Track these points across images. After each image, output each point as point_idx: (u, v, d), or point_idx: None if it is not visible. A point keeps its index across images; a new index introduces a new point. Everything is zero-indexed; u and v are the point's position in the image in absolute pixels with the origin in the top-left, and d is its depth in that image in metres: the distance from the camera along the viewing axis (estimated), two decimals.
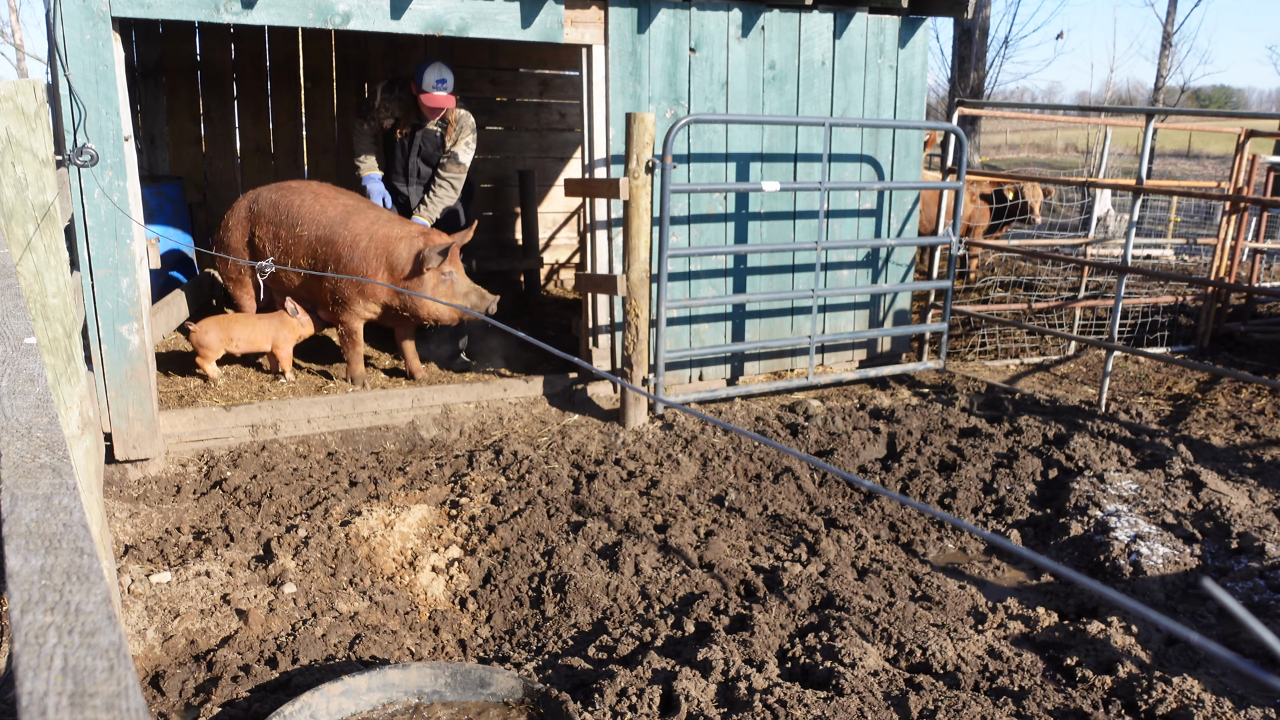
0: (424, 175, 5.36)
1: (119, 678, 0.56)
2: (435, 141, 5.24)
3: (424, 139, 5.23)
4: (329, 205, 4.90)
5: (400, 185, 5.39)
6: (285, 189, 5.04)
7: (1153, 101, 23.15)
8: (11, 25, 21.79)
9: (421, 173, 5.35)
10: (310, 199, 4.93)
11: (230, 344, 4.81)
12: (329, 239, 4.80)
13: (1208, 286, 6.55)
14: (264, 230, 4.96)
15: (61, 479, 0.87)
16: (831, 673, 2.54)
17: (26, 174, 2.16)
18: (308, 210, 4.89)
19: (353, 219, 4.85)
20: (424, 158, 5.31)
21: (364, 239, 4.76)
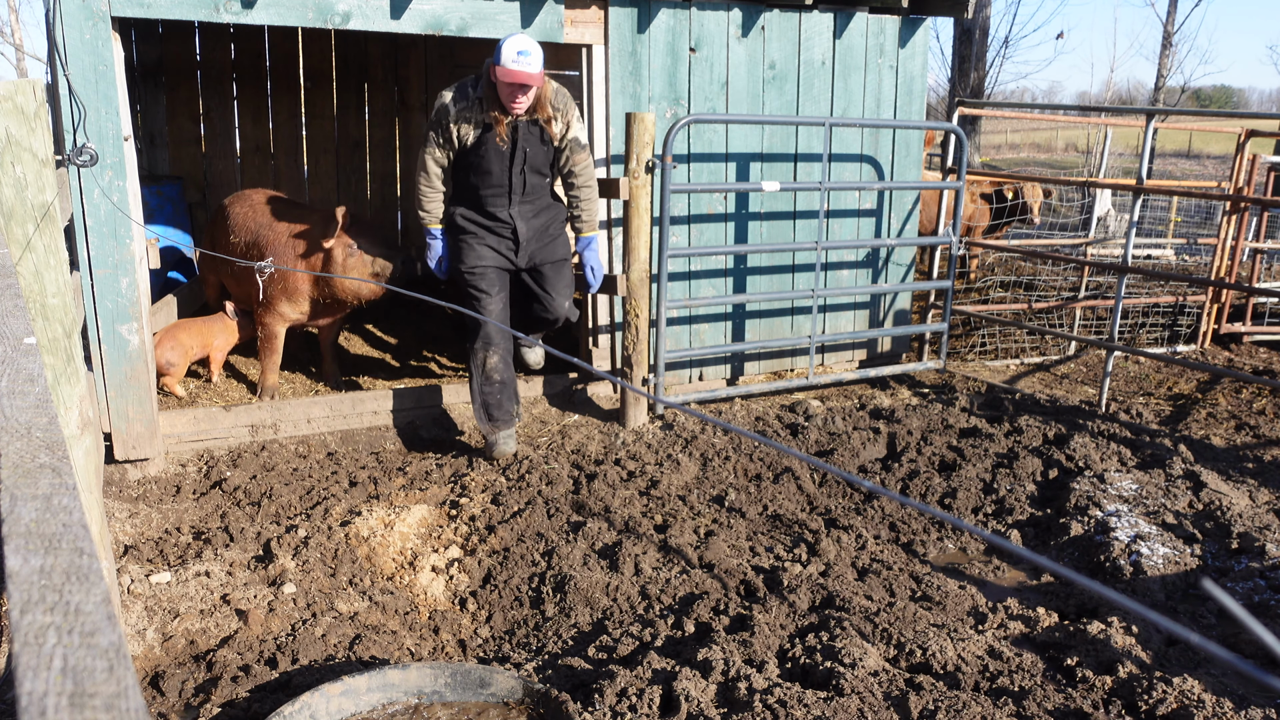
0: (535, 191, 4.17)
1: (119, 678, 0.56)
2: (539, 140, 4.06)
3: (525, 142, 4.02)
4: (257, 212, 4.89)
5: (501, 210, 4.14)
6: (238, 197, 5.08)
7: (1153, 101, 23.15)
8: (11, 25, 21.79)
9: (530, 187, 4.15)
10: (246, 207, 4.94)
11: (189, 354, 4.76)
12: (257, 244, 4.77)
13: (1208, 286, 6.55)
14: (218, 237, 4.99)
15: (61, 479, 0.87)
16: (831, 673, 2.53)
17: (26, 174, 2.16)
18: (241, 219, 4.90)
19: (277, 222, 4.81)
20: (533, 167, 4.11)
21: (283, 238, 4.71)
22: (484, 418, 4.19)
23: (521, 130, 4.00)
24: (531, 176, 4.13)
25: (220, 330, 4.91)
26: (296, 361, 5.49)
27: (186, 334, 4.77)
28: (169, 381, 4.67)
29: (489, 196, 4.12)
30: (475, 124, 3.98)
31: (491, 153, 4.01)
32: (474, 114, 3.97)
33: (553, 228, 4.30)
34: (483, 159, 4.03)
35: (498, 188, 4.10)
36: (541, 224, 4.27)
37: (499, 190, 4.11)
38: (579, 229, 4.32)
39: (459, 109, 3.96)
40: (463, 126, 3.99)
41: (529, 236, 4.23)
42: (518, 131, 4.00)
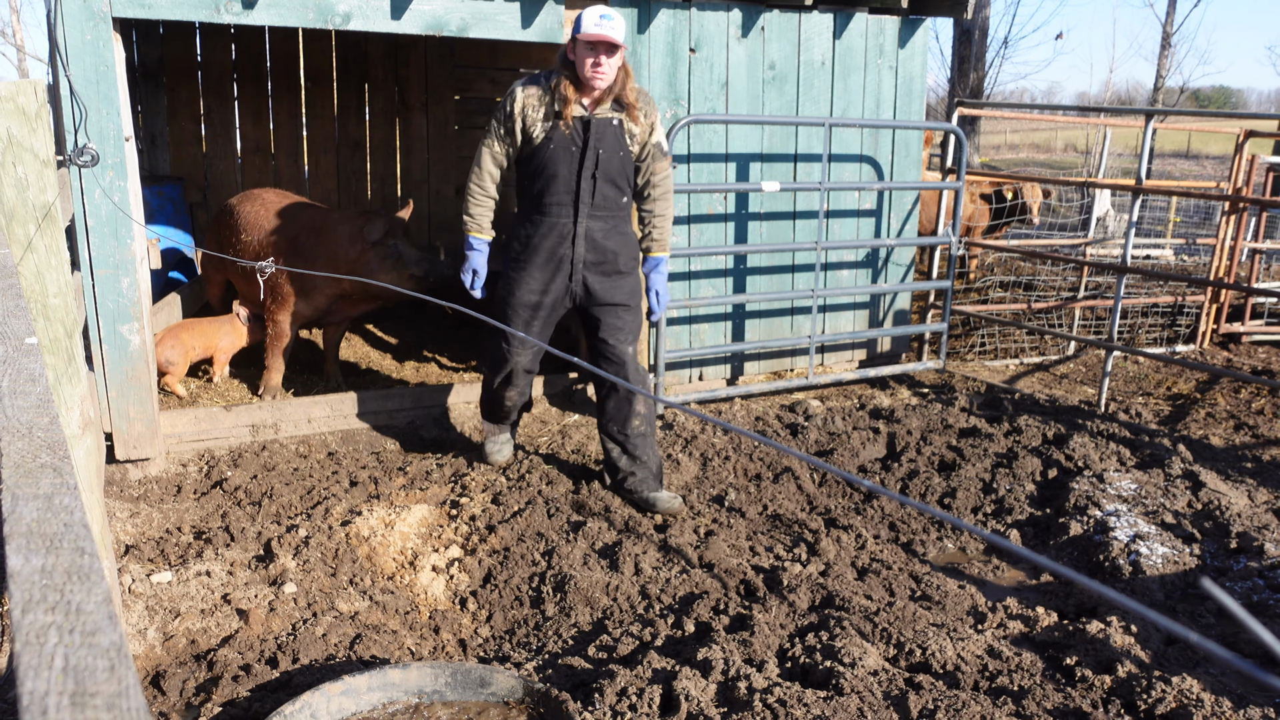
0: (608, 205, 3.62)
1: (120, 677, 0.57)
2: (616, 140, 3.55)
3: (599, 142, 3.52)
4: (270, 209, 4.87)
5: (565, 223, 3.61)
6: (246, 196, 5.05)
7: (1152, 102, 23.15)
8: (12, 26, 21.80)
9: (602, 198, 3.60)
10: (256, 205, 4.91)
11: (191, 353, 4.76)
12: (271, 241, 4.75)
13: (1207, 286, 6.55)
14: (223, 237, 4.97)
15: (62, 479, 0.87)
16: (831, 672, 2.54)
17: (27, 174, 2.16)
18: (251, 217, 4.88)
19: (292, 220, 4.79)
20: (607, 175, 3.57)
21: (304, 234, 4.70)
22: (487, 412, 4.06)
23: (595, 128, 3.49)
24: (604, 185, 3.56)
25: (227, 332, 4.90)
26: (297, 361, 5.49)
27: (189, 334, 4.77)
28: (169, 380, 4.67)
29: (552, 205, 3.58)
30: (546, 116, 3.52)
31: (560, 151, 3.51)
32: (546, 104, 3.52)
33: (623, 258, 3.69)
34: (549, 159, 3.52)
35: (564, 194, 3.57)
36: (611, 249, 3.65)
37: (564, 198, 3.57)
38: (648, 248, 3.79)
39: (527, 95, 3.52)
40: (529, 116, 3.52)
41: (593, 261, 3.64)
42: (590, 129, 3.49)
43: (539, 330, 3.72)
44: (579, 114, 3.50)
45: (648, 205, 3.76)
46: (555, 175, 3.54)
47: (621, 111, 3.55)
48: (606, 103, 3.53)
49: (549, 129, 3.52)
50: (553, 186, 3.56)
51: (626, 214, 3.69)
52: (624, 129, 3.56)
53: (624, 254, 3.70)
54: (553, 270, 3.64)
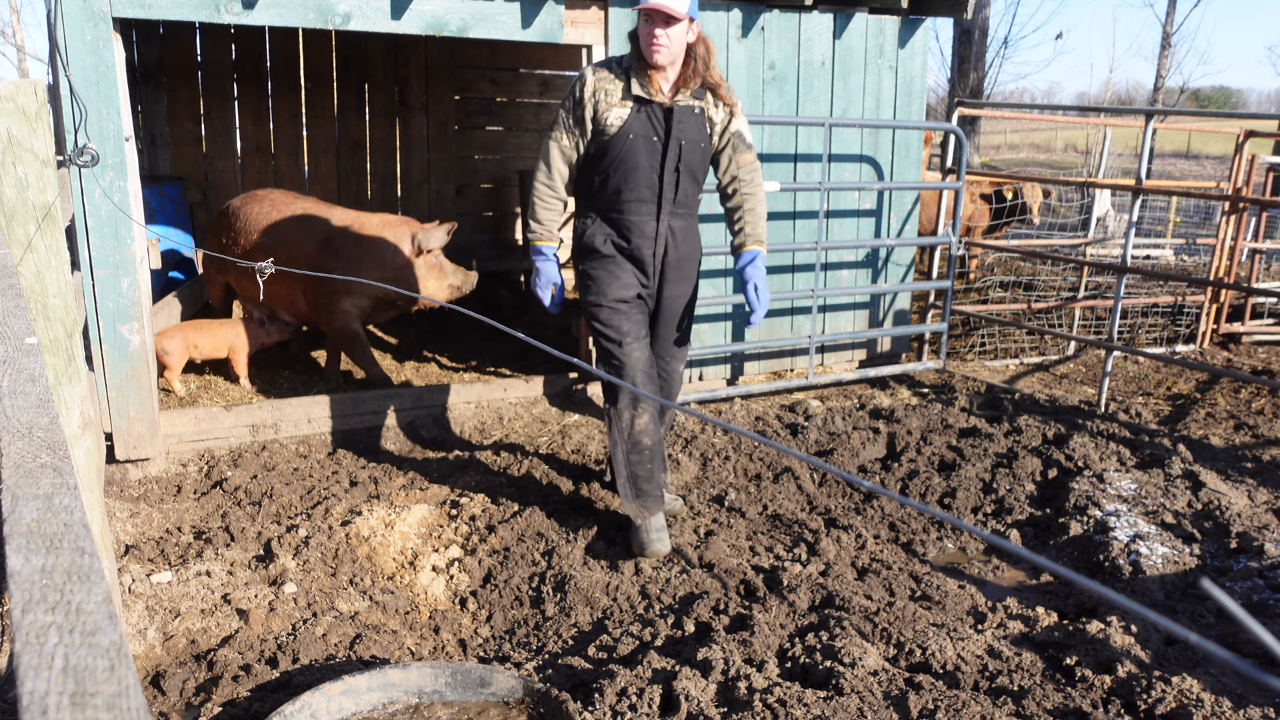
0: (686, 203, 3.30)
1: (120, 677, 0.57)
2: (698, 130, 3.22)
3: (681, 132, 3.17)
4: (285, 210, 4.81)
5: (648, 223, 3.25)
6: (249, 197, 5.02)
7: (1152, 102, 23.15)
8: (13, 26, 21.80)
9: (683, 195, 3.27)
10: (266, 206, 4.86)
11: (194, 351, 4.77)
12: (293, 244, 4.70)
13: (1207, 286, 6.56)
14: (227, 239, 4.92)
15: (62, 479, 0.87)
16: (831, 672, 2.54)
17: (28, 174, 2.16)
18: (263, 218, 4.82)
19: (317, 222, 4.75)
20: (689, 168, 3.23)
21: (338, 237, 4.68)
22: (630, 494, 3.31)
23: (678, 116, 3.16)
24: (685, 180, 3.23)
25: (239, 333, 4.88)
26: (297, 361, 5.49)
27: (196, 332, 4.78)
28: (167, 375, 4.69)
29: (632, 203, 3.20)
30: (621, 102, 3.14)
31: (641, 142, 3.13)
32: (620, 88, 3.14)
33: (695, 262, 3.44)
34: (629, 150, 3.14)
35: (645, 190, 3.19)
36: (687, 253, 3.36)
37: (647, 195, 3.20)
38: (742, 243, 3.39)
39: (599, 79, 3.14)
40: (601, 102, 3.13)
41: (672, 263, 3.33)
42: (672, 117, 3.15)
43: (641, 322, 3.34)
44: (658, 99, 3.13)
45: (735, 200, 3.37)
46: (636, 169, 3.15)
47: (702, 99, 3.20)
48: (689, 88, 3.15)
49: (625, 117, 3.13)
50: (632, 181, 3.16)
51: (697, 211, 3.41)
52: (704, 117, 3.22)
53: (696, 257, 3.43)
54: (636, 272, 3.31)
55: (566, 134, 3.22)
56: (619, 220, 3.24)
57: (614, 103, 3.14)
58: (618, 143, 3.15)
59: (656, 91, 3.14)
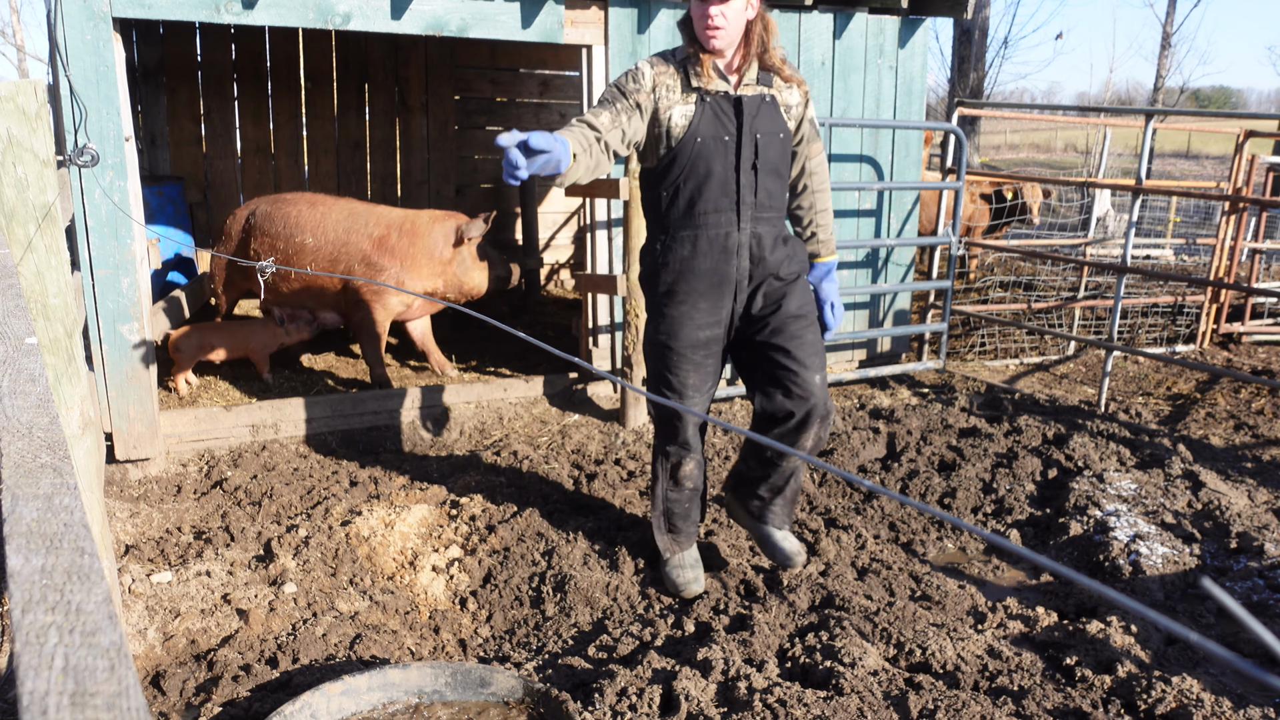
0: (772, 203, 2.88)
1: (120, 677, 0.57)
2: (772, 119, 2.82)
3: (755, 125, 2.78)
4: (330, 210, 4.91)
5: (730, 234, 2.84)
6: (280, 200, 5.05)
7: (1152, 102, 23.16)
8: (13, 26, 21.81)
9: (766, 195, 2.85)
10: (307, 208, 4.93)
11: (209, 351, 4.79)
12: (345, 241, 4.81)
13: (1207, 286, 6.56)
14: (260, 242, 4.96)
15: (62, 479, 0.87)
16: (831, 672, 2.54)
17: (28, 174, 2.16)
18: (308, 219, 4.88)
19: (368, 219, 4.86)
20: (769, 164, 2.83)
21: (392, 234, 4.81)
22: (663, 527, 3.15)
23: (748, 107, 2.77)
24: (768, 178, 2.83)
25: (257, 332, 4.90)
26: (297, 361, 5.49)
27: (214, 332, 4.82)
28: (174, 371, 4.75)
29: (708, 213, 2.81)
30: (683, 98, 2.76)
31: (710, 142, 2.75)
32: (679, 83, 2.76)
33: (795, 261, 2.97)
34: (700, 154, 2.76)
35: (721, 196, 2.79)
36: (781, 257, 2.92)
37: (723, 201, 2.80)
38: (814, 251, 3.08)
39: (659, 72, 2.77)
40: (664, 97, 2.75)
41: (761, 276, 2.90)
42: (742, 109, 2.76)
43: (714, 372, 3.00)
44: (721, 89, 2.76)
45: (804, 199, 3.02)
46: (709, 174, 2.77)
47: (770, 84, 2.81)
48: (750, 71, 2.79)
49: (690, 116, 2.75)
50: (707, 189, 2.78)
51: (785, 211, 2.99)
52: (777, 104, 2.81)
53: (793, 260, 2.95)
54: (718, 295, 2.88)
55: (609, 115, 2.70)
56: (695, 237, 2.83)
57: (675, 99, 2.75)
58: (685, 148, 2.76)
59: (718, 80, 2.76)
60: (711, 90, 2.76)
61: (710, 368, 2.97)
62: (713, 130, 2.75)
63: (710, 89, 2.76)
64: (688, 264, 2.86)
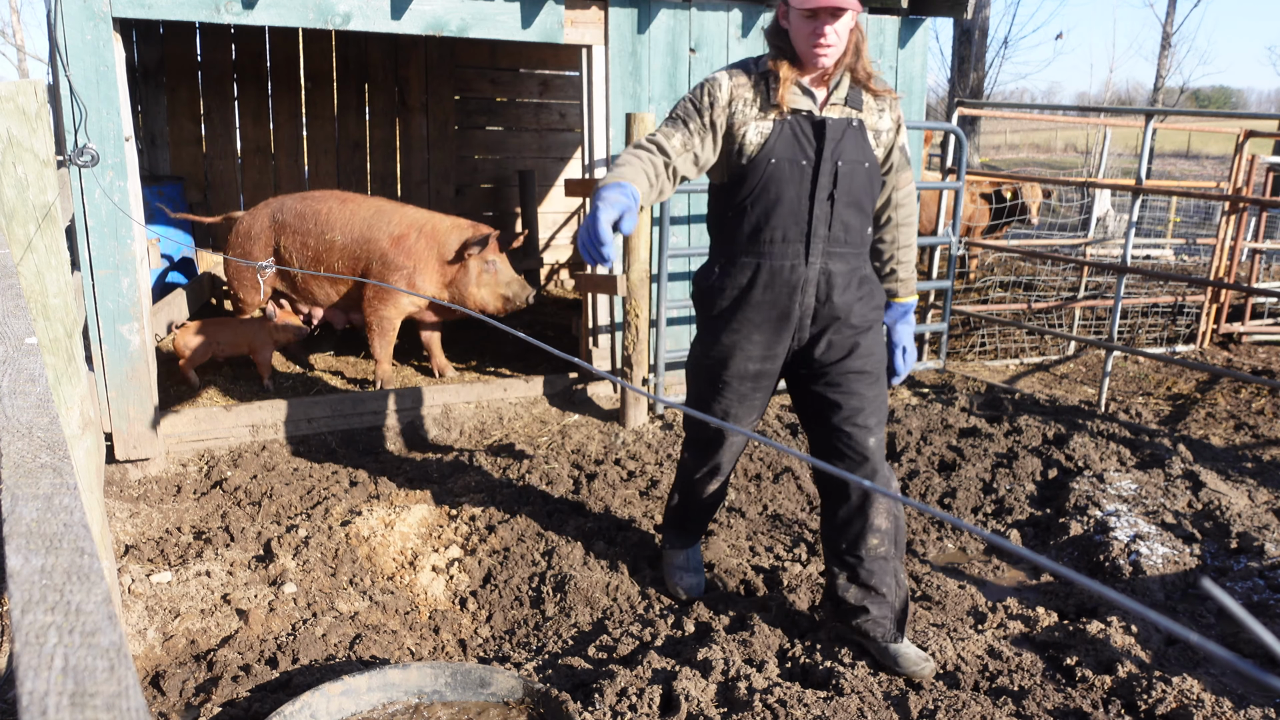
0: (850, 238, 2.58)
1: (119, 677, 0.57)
2: (858, 146, 2.53)
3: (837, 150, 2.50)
4: (359, 208, 4.96)
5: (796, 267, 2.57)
6: (310, 198, 5.10)
7: (1152, 102, 23.16)
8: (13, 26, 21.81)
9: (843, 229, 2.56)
10: (337, 205, 4.99)
11: (212, 347, 4.80)
12: (369, 238, 4.86)
13: (1207, 286, 6.55)
14: (290, 240, 5.00)
15: (62, 479, 0.87)
16: (831, 672, 2.54)
17: (27, 174, 2.16)
18: (338, 216, 4.93)
19: (392, 216, 4.90)
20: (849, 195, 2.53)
21: (412, 234, 4.84)
22: (674, 520, 3.07)
23: (832, 131, 2.49)
24: (846, 210, 2.54)
25: (256, 331, 4.90)
26: (297, 361, 5.49)
27: (220, 329, 4.83)
28: (182, 364, 4.80)
29: (774, 241, 2.55)
30: (760, 115, 2.50)
31: (785, 166, 2.49)
32: (759, 98, 2.50)
33: (868, 309, 2.66)
34: (771, 177, 2.50)
35: (790, 225, 2.53)
36: (852, 299, 2.62)
37: (792, 230, 2.54)
38: (892, 290, 2.79)
39: (736, 84, 2.51)
40: (740, 112, 2.50)
41: (829, 316, 2.61)
42: (825, 132, 2.48)
43: (760, 404, 2.77)
44: (804, 108, 2.48)
45: (887, 232, 2.74)
46: (779, 199, 2.51)
47: (859, 106, 2.53)
48: (841, 89, 2.52)
49: (766, 135, 2.49)
50: (775, 215, 2.52)
51: (867, 248, 2.69)
52: (865, 130, 2.53)
53: (868, 303, 2.65)
54: (776, 331, 2.63)
55: (680, 135, 2.50)
56: (757, 265, 2.58)
57: (752, 115, 2.49)
58: (757, 169, 2.50)
59: (801, 97, 2.49)
60: (792, 108, 2.48)
61: (757, 401, 2.74)
62: (789, 153, 2.49)
63: (791, 107, 2.48)
64: (746, 293, 2.61)
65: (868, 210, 2.61)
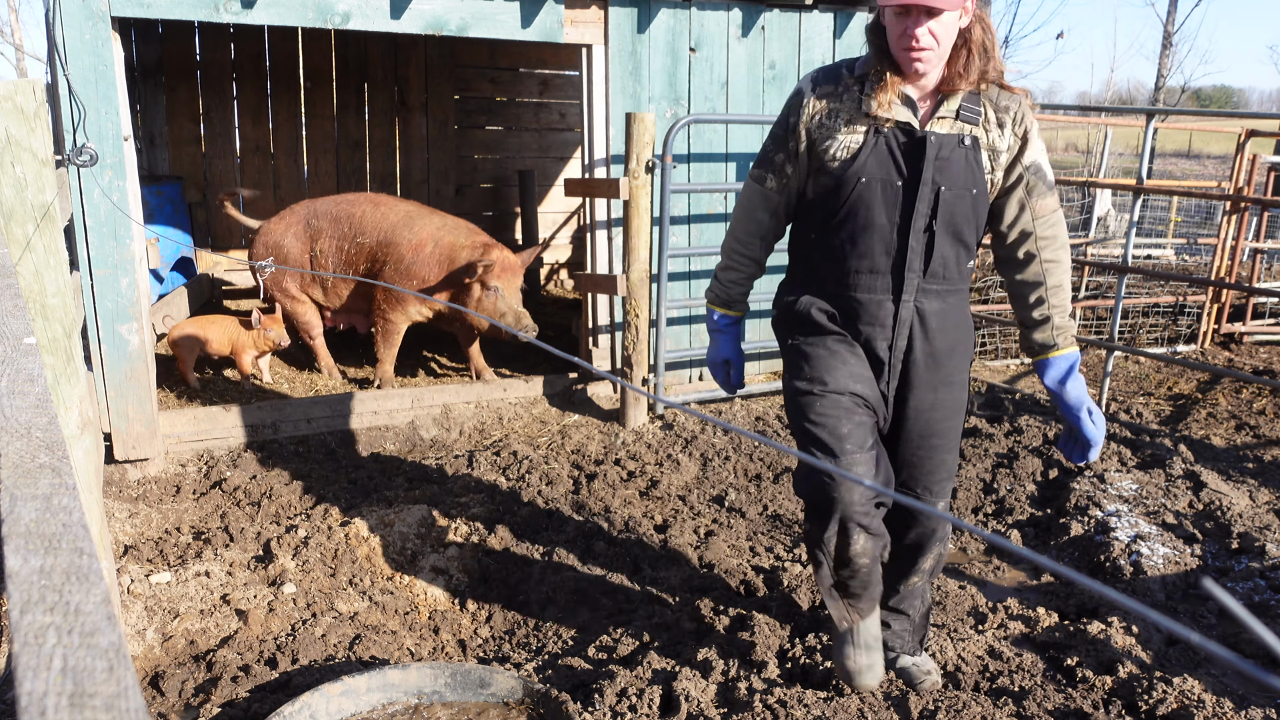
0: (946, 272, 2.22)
1: (118, 678, 0.56)
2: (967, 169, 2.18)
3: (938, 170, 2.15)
4: (390, 211, 4.96)
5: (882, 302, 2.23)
6: (343, 201, 5.09)
7: (1153, 101, 23.16)
8: (11, 25, 21.81)
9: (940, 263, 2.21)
10: (370, 208, 4.99)
11: (202, 345, 4.80)
12: (390, 242, 4.86)
13: (1208, 286, 6.55)
14: (325, 244, 5.01)
15: (61, 479, 0.86)
16: (831, 673, 2.53)
17: (26, 174, 2.16)
18: (369, 218, 4.95)
19: (416, 223, 4.88)
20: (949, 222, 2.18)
21: (429, 244, 4.81)
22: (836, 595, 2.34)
23: (935, 149, 2.13)
24: (945, 243, 2.19)
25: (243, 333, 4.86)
26: (297, 362, 5.49)
27: (210, 326, 4.83)
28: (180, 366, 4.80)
29: (860, 275, 2.22)
30: (849, 126, 2.18)
31: (875, 187, 2.15)
32: (848, 108, 2.19)
33: (959, 359, 2.31)
34: (858, 200, 2.17)
35: (880, 256, 2.19)
36: (946, 347, 2.27)
37: (882, 264, 2.20)
38: (1048, 342, 2.29)
39: (821, 94, 2.22)
40: (825, 128, 2.20)
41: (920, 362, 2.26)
42: (924, 150, 2.13)
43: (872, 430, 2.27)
44: (903, 119, 2.14)
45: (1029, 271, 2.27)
46: (868, 226, 2.18)
47: (974, 122, 2.15)
48: (953, 100, 2.15)
49: (855, 149, 2.17)
50: (863, 243, 2.19)
51: (966, 277, 2.29)
52: (979, 150, 2.16)
53: (959, 352, 2.31)
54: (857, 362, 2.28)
55: (773, 174, 2.30)
56: (841, 297, 2.25)
57: (839, 127, 2.18)
58: (844, 189, 2.18)
59: (900, 107, 2.14)
60: (889, 120, 2.14)
61: (866, 421, 2.24)
62: (882, 172, 2.15)
63: (888, 117, 2.14)
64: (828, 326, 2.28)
65: (970, 242, 2.24)
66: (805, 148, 2.24)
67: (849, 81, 2.21)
